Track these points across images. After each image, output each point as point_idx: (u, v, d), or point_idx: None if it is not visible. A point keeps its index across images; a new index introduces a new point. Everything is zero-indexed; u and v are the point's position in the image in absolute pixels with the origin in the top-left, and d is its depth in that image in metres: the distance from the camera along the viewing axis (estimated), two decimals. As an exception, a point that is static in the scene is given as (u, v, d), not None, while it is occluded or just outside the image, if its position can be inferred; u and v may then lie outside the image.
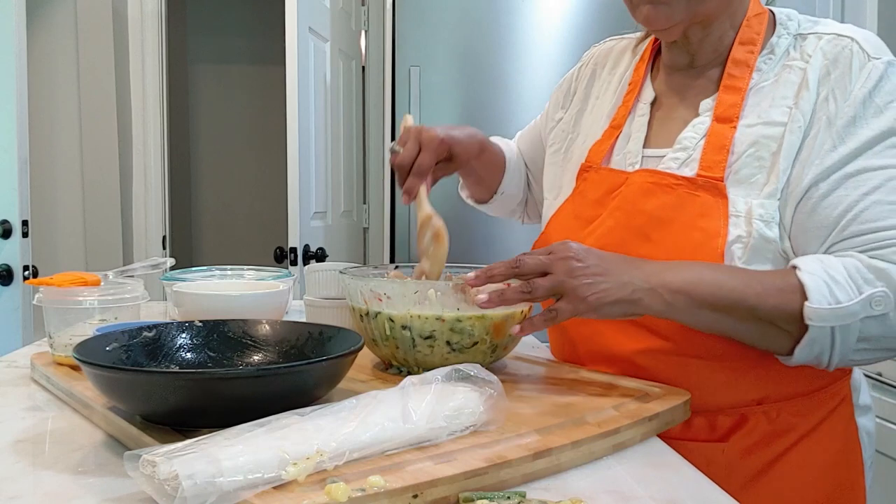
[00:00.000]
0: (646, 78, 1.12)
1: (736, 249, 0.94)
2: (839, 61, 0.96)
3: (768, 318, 0.90)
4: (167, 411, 0.76)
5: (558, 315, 0.89)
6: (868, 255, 0.89)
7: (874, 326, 0.88)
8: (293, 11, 2.45)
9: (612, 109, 1.14)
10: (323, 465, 0.64)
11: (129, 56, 3.33)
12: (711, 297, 0.90)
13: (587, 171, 1.11)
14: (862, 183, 0.92)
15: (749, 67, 1.01)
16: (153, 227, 3.39)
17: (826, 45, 0.98)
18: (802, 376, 0.99)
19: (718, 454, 0.98)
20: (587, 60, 1.26)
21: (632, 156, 1.07)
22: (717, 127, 0.99)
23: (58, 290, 1.07)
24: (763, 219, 0.94)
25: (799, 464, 1.01)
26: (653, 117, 1.09)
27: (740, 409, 1.00)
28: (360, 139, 3.43)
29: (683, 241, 0.96)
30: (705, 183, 0.97)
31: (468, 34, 2.64)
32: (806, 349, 0.90)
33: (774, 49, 1.02)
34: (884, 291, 0.87)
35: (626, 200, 1.02)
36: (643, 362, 1.00)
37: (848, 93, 0.94)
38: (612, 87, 1.17)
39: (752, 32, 1.02)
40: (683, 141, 1.02)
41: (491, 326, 0.98)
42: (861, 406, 1.09)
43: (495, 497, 0.65)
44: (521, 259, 0.92)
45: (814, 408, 1.02)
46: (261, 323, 0.98)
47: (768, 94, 0.99)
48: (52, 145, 3.17)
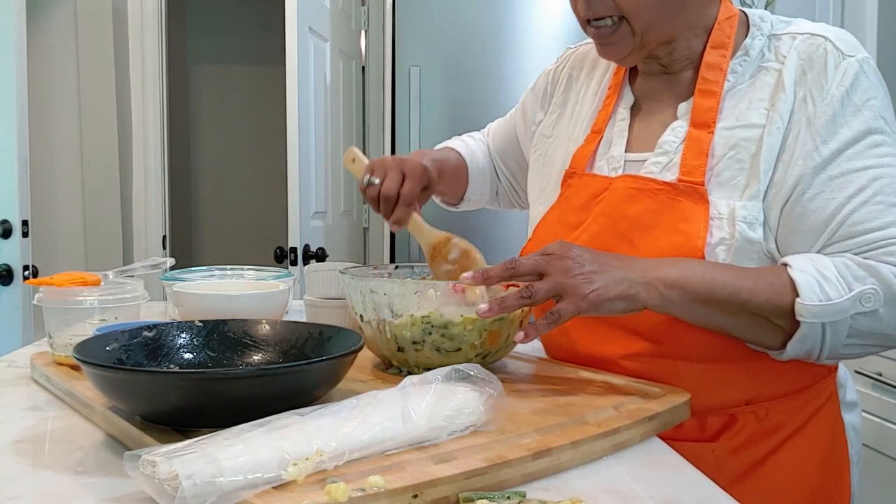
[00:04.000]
0: (625, 82, 1.13)
1: (720, 252, 0.95)
2: (814, 61, 0.97)
3: (760, 312, 0.91)
4: (167, 411, 0.76)
5: (561, 316, 0.89)
6: (861, 257, 0.91)
7: (864, 322, 0.90)
8: (293, 11, 2.45)
9: (593, 113, 1.15)
10: (323, 465, 0.64)
11: (129, 56, 3.33)
12: (705, 291, 0.91)
13: (571, 177, 1.12)
14: (847, 185, 0.93)
15: (722, 71, 1.02)
16: (153, 227, 3.39)
17: (800, 45, 0.99)
18: (789, 375, 1.00)
19: (708, 454, 0.99)
20: (563, 63, 1.26)
21: (614, 161, 1.07)
22: (695, 132, 1.00)
23: (58, 290, 1.07)
24: (746, 220, 0.95)
25: (787, 462, 1.02)
26: (633, 121, 1.10)
27: (729, 410, 1.01)
28: (360, 139, 3.43)
29: (665, 244, 0.97)
30: (686, 188, 0.98)
31: (468, 34, 2.64)
32: (797, 344, 0.92)
33: (749, 51, 1.02)
34: (873, 288, 0.89)
35: (610, 206, 1.03)
36: (630, 366, 1.01)
37: (825, 92, 0.95)
38: (591, 91, 1.18)
39: (724, 36, 1.03)
40: (664, 145, 1.03)
41: (486, 334, 0.98)
42: (847, 402, 1.10)
43: (495, 497, 0.65)
44: (517, 260, 0.92)
45: (801, 406, 1.03)
46: (261, 323, 0.98)
47: (745, 96, 1.00)
48: (52, 145, 3.17)
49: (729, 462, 1.00)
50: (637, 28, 1.00)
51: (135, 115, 3.35)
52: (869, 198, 0.92)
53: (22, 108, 2.31)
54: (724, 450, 1.00)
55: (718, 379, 1.00)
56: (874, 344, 0.93)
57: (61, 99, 3.18)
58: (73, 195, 3.23)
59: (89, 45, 3.21)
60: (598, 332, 1.01)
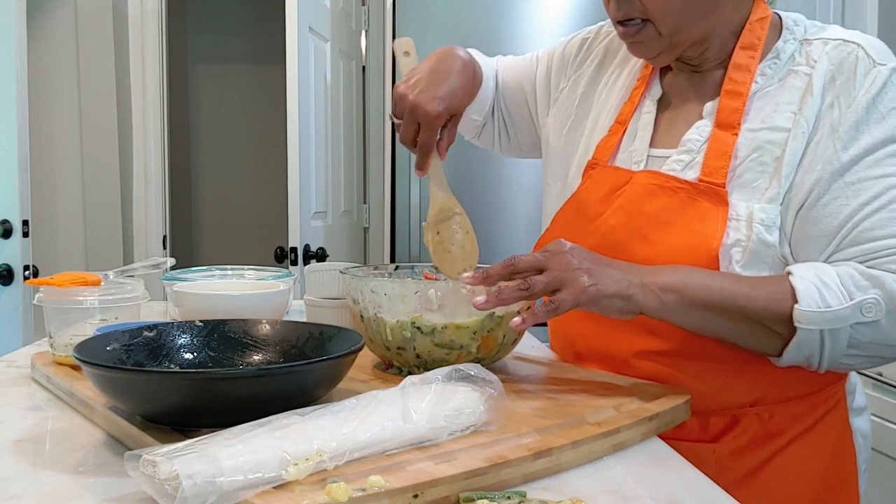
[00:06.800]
0: (654, 75, 1.12)
1: (735, 253, 0.95)
2: (844, 67, 0.96)
3: (758, 318, 0.91)
4: (167, 411, 0.76)
5: (560, 306, 0.89)
6: (866, 266, 0.90)
7: (865, 333, 0.89)
8: (293, 11, 2.45)
9: (620, 103, 1.13)
10: (323, 464, 0.64)
11: (129, 56, 3.33)
12: (702, 296, 0.91)
13: (593, 167, 1.10)
14: (862, 191, 0.92)
15: (750, 72, 1.01)
16: (153, 226, 3.39)
17: (832, 51, 0.98)
18: (797, 379, 0.99)
19: (709, 454, 0.99)
20: (601, 38, 1.22)
21: (637, 154, 1.07)
22: (719, 133, 0.99)
23: (58, 290, 1.07)
24: (764, 223, 0.94)
25: (789, 466, 1.01)
26: (660, 116, 1.09)
27: (733, 411, 1.01)
28: (360, 139, 3.43)
29: (680, 243, 0.97)
30: (707, 188, 0.97)
31: (468, 34, 2.63)
32: (794, 351, 0.91)
33: (780, 54, 1.01)
34: (875, 299, 0.88)
35: (629, 201, 1.03)
36: (639, 363, 1.01)
37: (852, 98, 0.95)
38: (621, 79, 1.16)
39: (754, 37, 1.02)
40: (688, 143, 1.02)
41: (479, 337, 0.98)
42: (856, 408, 1.09)
43: (495, 497, 0.65)
44: (516, 258, 0.92)
45: (807, 411, 1.02)
46: (261, 323, 0.98)
47: (773, 98, 0.99)
48: (52, 145, 3.17)
49: (729, 463, 1.00)
50: (663, 30, 0.99)
51: (135, 115, 3.35)
52: (883, 206, 0.91)
53: (22, 108, 2.30)
54: (725, 451, 1.00)
55: (725, 380, 0.99)
56: (876, 355, 0.92)
57: (61, 99, 3.18)
58: (73, 195, 3.23)
59: (89, 45, 3.21)
60: (613, 326, 1.00)
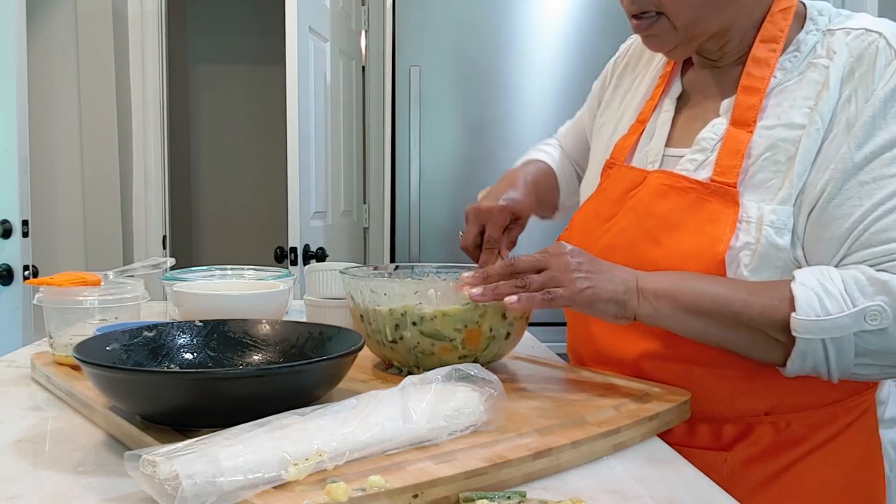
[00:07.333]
0: (675, 72, 1.10)
1: (743, 256, 0.91)
2: (864, 58, 0.91)
3: (756, 325, 0.88)
4: (167, 411, 0.76)
5: (555, 298, 0.89)
6: (876, 269, 0.86)
7: (872, 341, 0.85)
8: (293, 11, 2.45)
9: (642, 102, 1.12)
10: (323, 464, 0.64)
11: (129, 56, 3.33)
12: (695, 302, 0.89)
13: (611, 167, 1.10)
14: (876, 191, 0.88)
15: (770, 66, 0.97)
16: (153, 227, 3.39)
17: (852, 42, 0.93)
18: (815, 388, 0.95)
19: (721, 462, 0.97)
20: (624, 53, 1.23)
21: (653, 154, 1.05)
22: (733, 131, 0.96)
23: (58, 289, 1.07)
24: (774, 225, 0.91)
25: (808, 477, 0.98)
26: (678, 114, 1.07)
27: (747, 419, 0.98)
28: (360, 139, 3.43)
29: (689, 245, 0.95)
30: (718, 188, 0.94)
31: (468, 34, 2.63)
32: (797, 361, 0.88)
33: (801, 46, 0.97)
34: (881, 306, 0.84)
35: (640, 202, 1.02)
36: (648, 367, 0.99)
37: (870, 92, 0.90)
38: (646, 80, 1.15)
39: (776, 29, 0.98)
40: (702, 142, 0.99)
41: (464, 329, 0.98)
42: (888, 419, 1.04)
43: (495, 497, 0.65)
44: (517, 258, 0.93)
45: (828, 420, 0.98)
46: (261, 323, 0.98)
47: (790, 94, 0.95)
48: (52, 145, 3.16)
49: (742, 472, 0.97)
50: (678, 23, 0.97)
51: (135, 115, 3.35)
52: (895, 206, 0.87)
53: (22, 108, 2.30)
54: (738, 459, 0.97)
55: (737, 387, 0.96)
56: (890, 364, 0.87)
57: (61, 99, 3.18)
58: (73, 195, 3.23)
59: (89, 45, 3.21)
60: (619, 333, 1.00)
